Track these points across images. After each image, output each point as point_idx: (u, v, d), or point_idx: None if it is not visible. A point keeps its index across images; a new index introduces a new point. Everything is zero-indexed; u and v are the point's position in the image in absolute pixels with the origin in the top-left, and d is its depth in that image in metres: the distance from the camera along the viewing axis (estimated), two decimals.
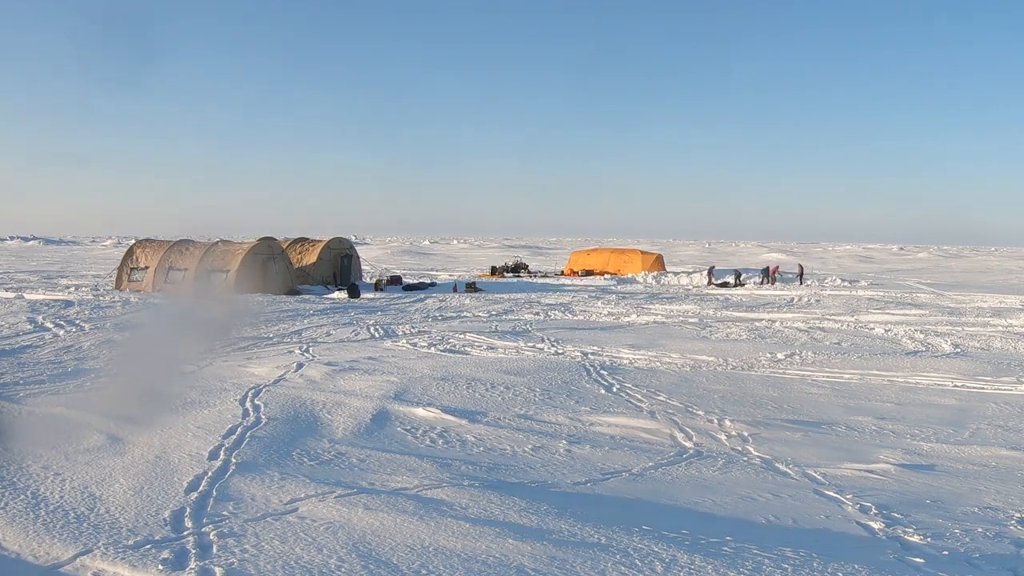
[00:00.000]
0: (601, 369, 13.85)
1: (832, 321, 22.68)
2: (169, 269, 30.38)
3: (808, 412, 10.81)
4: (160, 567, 5.31)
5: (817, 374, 13.82)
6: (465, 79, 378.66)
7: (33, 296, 26.64)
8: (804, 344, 17.64)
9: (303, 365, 13.48)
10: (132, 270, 31.13)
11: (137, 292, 29.29)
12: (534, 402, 11.03)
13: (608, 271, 46.72)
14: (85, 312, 22.16)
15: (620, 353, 15.83)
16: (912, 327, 21.07)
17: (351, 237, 54.69)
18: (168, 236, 31.85)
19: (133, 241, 34.88)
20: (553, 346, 16.81)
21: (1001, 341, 18.51)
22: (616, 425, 9.80)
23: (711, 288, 37.81)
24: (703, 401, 11.33)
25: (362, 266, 39.05)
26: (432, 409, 10.28)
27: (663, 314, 24.34)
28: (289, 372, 12.79)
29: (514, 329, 19.81)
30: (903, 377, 13.56)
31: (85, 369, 13.17)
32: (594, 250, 51.41)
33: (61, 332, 17.81)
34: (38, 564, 5.46)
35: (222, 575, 5.20)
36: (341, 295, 29.58)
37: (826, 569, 5.40)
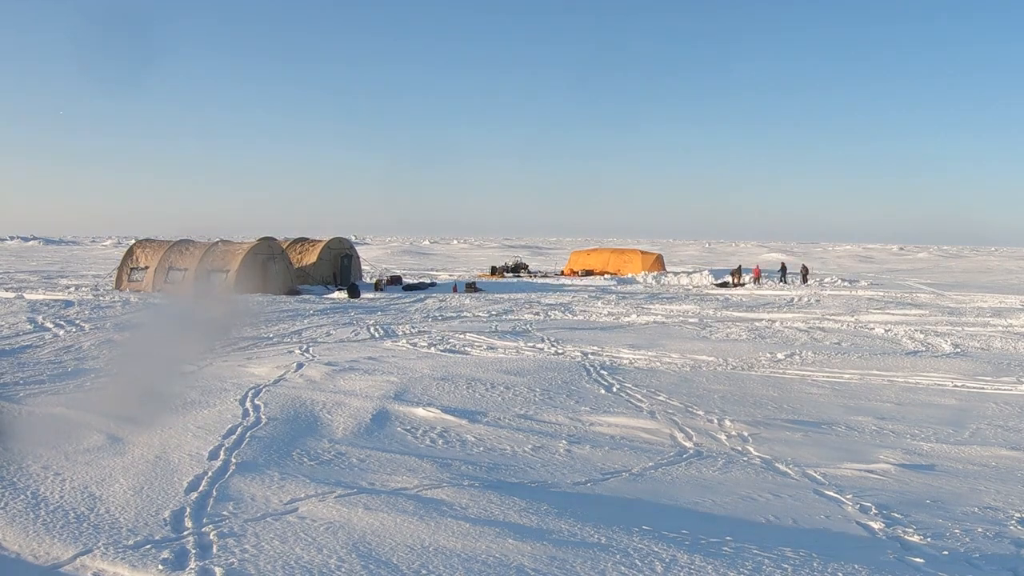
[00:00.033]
0: (601, 369, 13.85)
1: (832, 321, 22.69)
2: (169, 269, 30.40)
3: (808, 412, 10.81)
4: (160, 567, 5.30)
5: (817, 374, 13.82)
6: (465, 79, 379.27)
7: (33, 296, 26.65)
8: (804, 344, 17.65)
9: (303, 365, 13.48)
10: (132, 270, 31.15)
11: (137, 292, 29.29)
12: (534, 402, 11.03)
13: (608, 271, 46.75)
14: (85, 312, 22.17)
15: (620, 353, 15.83)
16: (912, 327, 21.08)
17: (351, 237, 54.71)
18: (168, 236, 31.95)
19: (133, 241, 34.91)
20: (553, 346, 16.81)
21: (1001, 341, 18.52)
22: (616, 425, 9.79)
23: (738, 288, 37.76)
24: (703, 401, 11.33)
25: (362, 266, 39.07)
26: (432, 409, 10.28)
27: (663, 314, 24.35)
28: (289, 372, 12.79)
29: (514, 329, 19.81)
30: (903, 377, 13.56)
31: (85, 369, 13.17)
32: (594, 250, 51.45)
33: (61, 332, 17.82)
34: (38, 564, 5.46)
35: (222, 575, 5.19)
36: (341, 295, 29.58)
37: (826, 569, 5.40)
